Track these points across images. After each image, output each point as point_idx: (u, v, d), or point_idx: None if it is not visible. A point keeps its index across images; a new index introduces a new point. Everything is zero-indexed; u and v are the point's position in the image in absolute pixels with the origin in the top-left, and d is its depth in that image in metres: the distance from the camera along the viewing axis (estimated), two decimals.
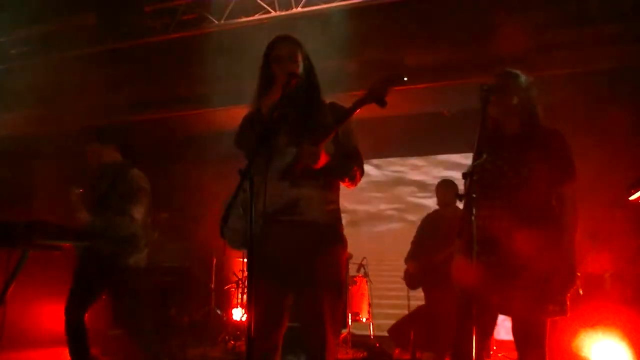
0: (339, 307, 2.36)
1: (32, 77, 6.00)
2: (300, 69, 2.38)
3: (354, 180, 2.41)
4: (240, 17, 5.31)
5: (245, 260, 2.52)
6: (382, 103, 2.20)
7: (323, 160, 2.28)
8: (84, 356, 3.45)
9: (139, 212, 3.54)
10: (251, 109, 2.46)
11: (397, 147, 6.78)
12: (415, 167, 6.95)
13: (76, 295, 3.51)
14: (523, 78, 2.57)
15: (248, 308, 2.01)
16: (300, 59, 2.41)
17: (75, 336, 3.44)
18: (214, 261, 6.25)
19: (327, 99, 2.50)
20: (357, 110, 2.26)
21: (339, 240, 2.43)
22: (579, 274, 2.39)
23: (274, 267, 2.25)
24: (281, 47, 2.41)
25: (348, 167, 2.38)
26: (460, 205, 2.77)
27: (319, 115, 2.37)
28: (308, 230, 2.33)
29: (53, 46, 5.86)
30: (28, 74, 6.04)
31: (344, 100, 2.35)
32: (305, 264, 2.32)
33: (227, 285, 6.37)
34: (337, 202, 2.44)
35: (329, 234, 2.38)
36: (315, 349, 2.29)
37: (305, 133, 2.32)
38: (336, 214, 2.43)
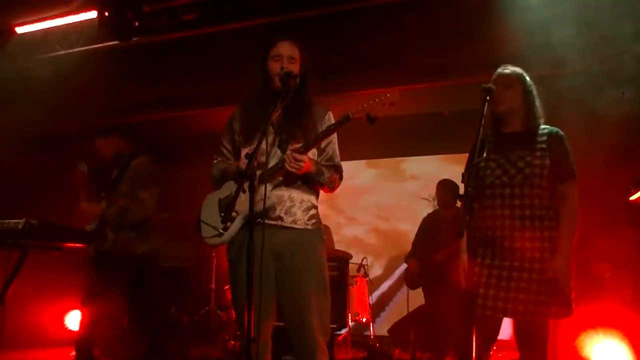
0: (326, 308, 2.36)
1: (32, 77, 6.00)
2: (297, 70, 2.39)
3: (332, 188, 2.47)
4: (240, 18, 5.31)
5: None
6: (372, 121, 2.24)
7: (307, 167, 2.29)
8: (88, 353, 3.46)
9: (150, 196, 3.59)
10: (241, 104, 2.48)
11: (397, 147, 6.77)
12: (415, 167, 6.95)
13: (91, 286, 3.52)
14: (526, 76, 2.58)
15: (236, 309, 2.01)
16: (298, 60, 2.41)
17: (88, 330, 3.46)
18: (214, 261, 6.24)
19: (326, 99, 2.50)
20: (347, 122, 2.28)
21: (320, 241, 2.45)
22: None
23: (258, 268, 2.25)
24: (282, 45, 2.41)
25: (328, 174, 2.42)
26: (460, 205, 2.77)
27: (307, 119, 2.39)
28: (287, 234, 2.35)
29: (53, 46, 5.87)
30: (28, 74, 6.04)
31: (344, 99, 2.35)
32: (287, 267, 2.34)
33: (227, 285, 6.36)
34: (316, 205, 2.48)
35: (310, 236, 2.41)
36: (304, 352, 2.29)
37: (291, 136, 2.34)
38: (316, 217, 2.45)
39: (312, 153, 2.40)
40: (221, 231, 2.33)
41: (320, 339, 2.30)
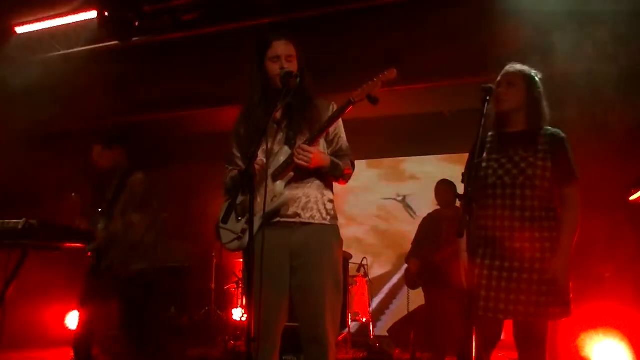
0: (339, 306, 2.36)
1: (33, 77, 6.00)
2: (295, 68, 2.38)
3: (347, 179, 2.45)
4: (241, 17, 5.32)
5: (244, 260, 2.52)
6: (374, 101, 2.20)
7: (317, 159, 2.28)
8: (86, 356, 3.45)
9: (140, 219, 3.53)
10: (243, 109, 2.48)
11: (397, 147, 6.78)
12: (415, 167, 6.95)
13: (88, 295, 3.51)
14: (531, 74, 2.55)
15: (248, 308, 2.01)
16: (295, 57, 2.41)
17: (83, 336, 3.45)
18: (214, 261, 6.25)
19: (326, 99, 2.49)
20: (350, 108, 2.26)
21: (336, 238, 2.44)
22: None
23: (272, 267, 2.25)
24: (278, 45, 2.40)
25: (341, 166, 2.40)
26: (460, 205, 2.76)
27: (311, 113, 2.37)
28: (305, 230, 2.34)
29: (53, 46, 5.87)
30: (28, 74, 6.04)
31: (343, 100, 2.34)
32: (304, 264, 2.32)
33: (227, 285, 6.36)
34: (332, 200, 2.45)
35: (326, 233, 2.39)
36: (316, 349, 2.29)
37: (298, 131, 2.33)
38: (332, 212, 2.43)
39: (323, 147, 2.39)
40: (240, 235, 2.32)
41: (332, 336, 2.30)
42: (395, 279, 6.65)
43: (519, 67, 2.56)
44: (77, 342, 3.44)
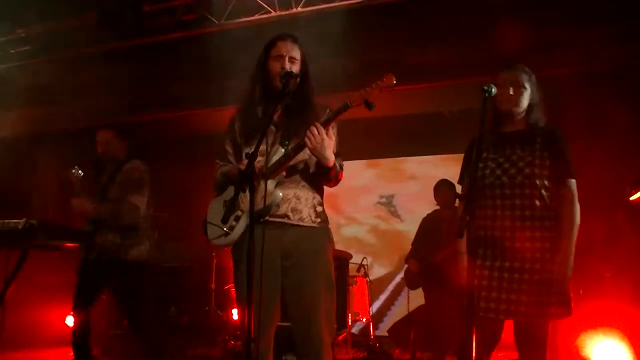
0: (332, 306, 2.36)
1: (32, 77, 6.00)
2: (298, 70, 2.38)
3: (338, 182, 2.43)
4: (240, 17, 5.32)
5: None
6: (371, 107, 2.20)
7: (328, 147, 2.23)
8: (86, 355, 3.45)
9: (140, 201, 3.55)
10: (242, 105, 2.48)
11: (397, 147, 6.78)
12: (415, 167, 6.95)
13: (81, 292, 3.50)
14: (530, 73, 2.55)
15: (241, 308, 2.00)
16: (299, 59, 2.41)
17: (80, 334, 3.44)
18: (214, 261, 6.24)
19: (326, 99, 2.49)
20: (346, 111, 2.25)
21: (328, 240, 2.44)
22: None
23: (264, 267, 2.24)
24: (282, 45, 2.40)
25: (335, 170, 2.38)
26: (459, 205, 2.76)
27: (309, 117, 2.36)
28: (295, 232, 2.34)
29: (53, 46, 5.87)
30: (28, 74, 6.04)
31: (343, 100, 2.33)
32: (296, 264, 2.32)
33: (227, 285, 6.36)
34: (322, 203, 2.46)
35: (317, 235, 2.39)
36: (310, 350, 2.29)
37: (293, 133, 2.32)
38: (322, 215, 2.43)
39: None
40: (227, 231, 2.31)
41: (326, 336, 2.29)
42: (397, 279, 6.65)
43: (521, 67, 2.55)
44: (76, 344, 3.44)
